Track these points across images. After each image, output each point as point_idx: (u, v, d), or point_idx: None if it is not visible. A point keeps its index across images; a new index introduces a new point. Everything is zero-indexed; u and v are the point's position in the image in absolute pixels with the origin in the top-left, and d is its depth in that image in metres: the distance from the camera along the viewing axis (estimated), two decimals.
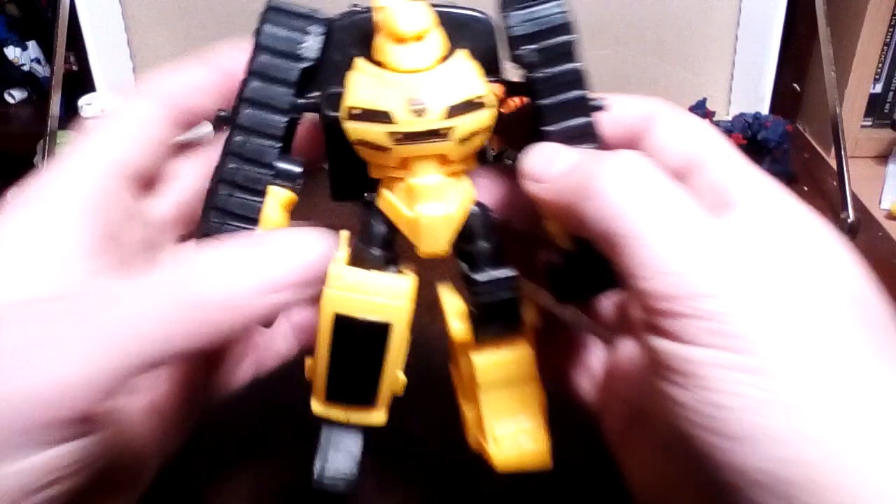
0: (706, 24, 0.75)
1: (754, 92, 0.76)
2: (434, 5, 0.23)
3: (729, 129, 0.69)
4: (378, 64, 0.22)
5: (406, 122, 0.22)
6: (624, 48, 0.76)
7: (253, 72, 0.23)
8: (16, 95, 1.04)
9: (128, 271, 0.23)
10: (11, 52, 1.02)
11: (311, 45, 0.23)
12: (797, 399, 0.17)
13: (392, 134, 0.22)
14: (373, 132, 0.22)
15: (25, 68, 1.03)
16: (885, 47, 0.70)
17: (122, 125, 0.24)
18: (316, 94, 0.24)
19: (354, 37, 0.23)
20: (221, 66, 0.25)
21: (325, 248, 0.23)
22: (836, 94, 0.62)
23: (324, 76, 0.24)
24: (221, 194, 0.24)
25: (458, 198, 0.24)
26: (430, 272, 0.25)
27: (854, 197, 0.59)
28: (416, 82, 0.22)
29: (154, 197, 0.26)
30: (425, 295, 0.25)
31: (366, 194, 0.25)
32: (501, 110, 0.24)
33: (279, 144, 0.24)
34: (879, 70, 0.72)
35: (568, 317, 0.28)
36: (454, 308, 0.26)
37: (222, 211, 0.24)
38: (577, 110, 0.23)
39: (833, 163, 0.66)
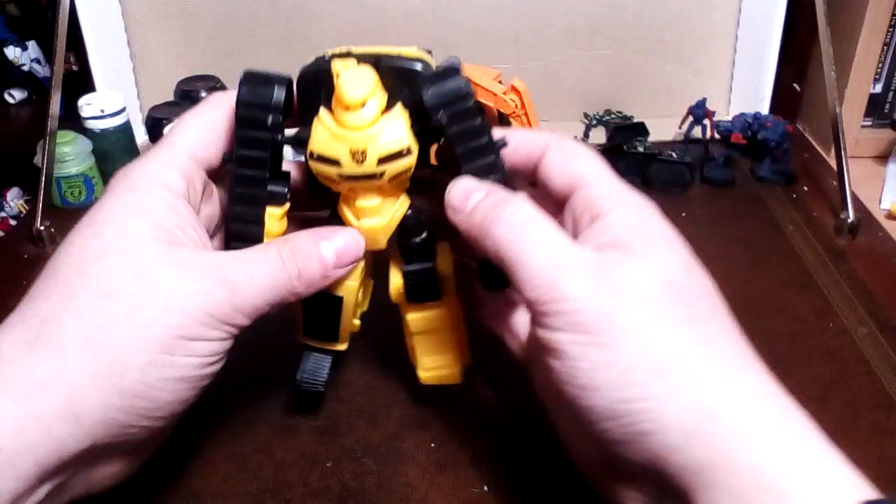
0: (706, 24, 0.75)
1: (754, 92, 0.77)
2: (379, 59, 0.30)
3: (729, 129, 0.69)
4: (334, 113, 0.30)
5: (349, 167, 0.30)
6: (624, 48, 0.76)
7: (238, 141, 0.31)
8: (16, 95, 1.05)
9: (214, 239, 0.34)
10: (11, 52, 1.02)
11: (275, 116, 0.30)
12: (625, 360, 0.26)
13: (340, 174, 0.30)
14: (326, 171, 0.31)
15: (25, 68, 1.03)
16: (885, 47, 0.70)
17: (199, 123, 0.32)
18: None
19: (320, 85, 0.31)
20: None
21: (363, 244, 0.33)
22: (836, 94, 0.61)
23: (301, 111, 0.31)
24: (235, 228, 0.33)
25: (393, 211, 0.33)
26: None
27: (854, 197, 0.59)
28: (358, 138, 0.30)
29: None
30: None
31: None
32: (439, 143, 0.33)
33: (266, 187, 0.32)
34: (879, 70, 0.72)
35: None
36: (394, 281, 0.35)
37: (239, 238, 0.33)
38: (485, 152, 0.31)
39: (833, 163, 0.66)
